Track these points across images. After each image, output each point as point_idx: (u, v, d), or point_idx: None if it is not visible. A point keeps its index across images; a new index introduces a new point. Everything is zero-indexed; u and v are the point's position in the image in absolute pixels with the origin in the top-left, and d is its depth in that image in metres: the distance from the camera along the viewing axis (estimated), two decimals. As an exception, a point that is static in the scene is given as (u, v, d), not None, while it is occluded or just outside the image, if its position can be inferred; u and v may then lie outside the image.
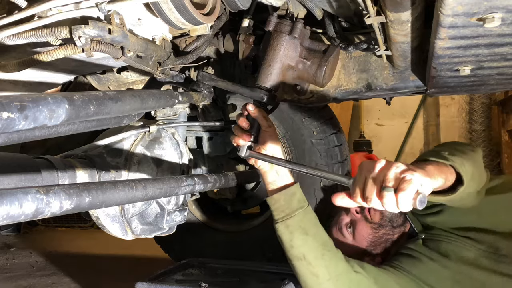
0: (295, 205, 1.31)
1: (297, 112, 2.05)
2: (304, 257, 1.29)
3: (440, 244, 1.42)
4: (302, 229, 1.30)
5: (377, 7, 1.14)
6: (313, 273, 1.28)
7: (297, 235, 1.29)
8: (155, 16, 1.14)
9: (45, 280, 2.67)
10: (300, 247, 1.29)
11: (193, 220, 2.33)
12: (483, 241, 1.35)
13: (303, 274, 1.31)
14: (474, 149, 1.26)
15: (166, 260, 2.41)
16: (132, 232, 1.39)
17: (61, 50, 1.01)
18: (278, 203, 1.32)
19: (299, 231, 1.30)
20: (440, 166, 1.03)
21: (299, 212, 1.31)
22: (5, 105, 0.69)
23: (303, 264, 1.29)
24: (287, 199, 1.31)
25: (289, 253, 1.32)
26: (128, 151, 1.38)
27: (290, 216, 1.30)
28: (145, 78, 1.69)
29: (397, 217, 1.55)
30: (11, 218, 0.66)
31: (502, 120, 5.07)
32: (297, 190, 1.34)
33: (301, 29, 1.38)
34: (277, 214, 1.32)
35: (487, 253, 1.34)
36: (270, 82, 1.38)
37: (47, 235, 4.20)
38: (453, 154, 1.09)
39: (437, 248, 1.42)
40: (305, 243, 1.29)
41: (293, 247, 1.30)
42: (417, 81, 1.53)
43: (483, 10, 0.86)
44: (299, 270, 1.31)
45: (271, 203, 1.34)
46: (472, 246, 1.36)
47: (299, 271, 1.32)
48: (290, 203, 1.31)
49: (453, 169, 1.06)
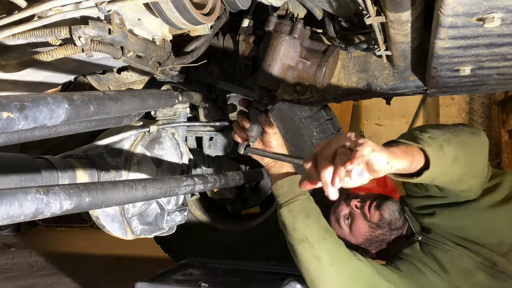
0: (298, 192, 1.35)
1: (297, 112, 2.05)
2: (306, 239, 1.29)
3: (436, 251, 1.40)
4: (305, 213, 1.33)
5: (377, 7, 1.14)
6: (315, 255, 1.28)
7: (300, 218, 1.32)
8: (155, 16, 1.14)
9: (45, 280, 2.67)
10: (303, 230, 1.31)
11: (193, 220, 2.33)
12: (479, 253, 1.32)
13: (306, 258, 1.30)
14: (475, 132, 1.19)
15: (166, 260, 2.41)
16: (132, 232, 1.39)
17: (61, 50, 1.01)
18: (282, 189, 1.36)
19: (302, 215, 1.32)
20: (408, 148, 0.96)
21: (302, 197, 1.35)
22: (5, 105, 0.69)
23: (305, 246, 1.29)
24: (291, 185, 1.35)
25: (292, 237, 1.32)
26: (128, 151, 1.38)
27: (293, 200, 1.34)
28: (145, 78, 1.69)
29: (396, 220, 1.52)
30: (11, 218, 0.66)
31: (502, 120, 5.07)
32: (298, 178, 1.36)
33: (301, 29, 1.38)
34: (281, 200, 1.36)
35: (484, 266, 1.31)
36: (270, 82, 1.38)
37: (47, 235, 4.20)
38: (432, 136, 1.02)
39: (434, 255, 1.40)
40: (307, 226, 1.31)
41: (295, 230, 1.31)
42: (417, 81, 1.53)
43: (483, 10, 0.86)
44: (301, 253, 1.30)
45: (276, 189, 1.38)
46: (468, 257, 1.33)
47: (301, 255, 1.30)
48: (293, 189, 1.35)
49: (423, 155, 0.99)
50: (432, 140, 1.01)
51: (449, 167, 1.04)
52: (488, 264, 1.30)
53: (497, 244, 1.29)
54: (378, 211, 1.53)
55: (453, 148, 1.04)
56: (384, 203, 1.54)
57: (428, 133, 1.04)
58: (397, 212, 1.53)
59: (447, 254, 1.37)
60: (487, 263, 1.31)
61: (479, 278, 1.30)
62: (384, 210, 1.52)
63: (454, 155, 1.04)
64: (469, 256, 1.33)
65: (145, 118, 1.53)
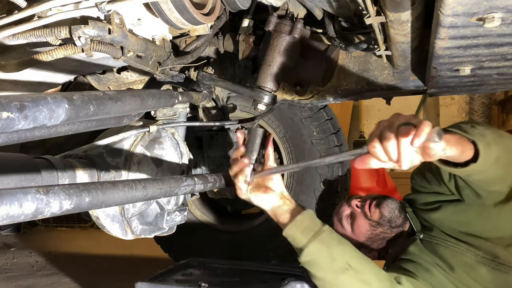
0: (319, 222, 1.23)
1: (297, 112, 2.05)
2: (349, 266, 1.19)
3: (439, 248, 1.40)
4: (338, 240, 1.23)
5: (377, 7, 1.14)
6: (363, 280, 1.19)
7: (335, 246, 1.20)
8: (155, 16, 1.14)
9: (45, 280, 2.67)
10: (343, 256, 1.20)
11: (193, 220, 2.33)
12: (481, 247, 1.32)
13: (354, 285, 1.20)
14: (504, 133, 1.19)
15: (166, 260, 2.41)
16: (132, 232, 1.39)
17: (61, 50, 1.01)
18: (304, 223, 1.21)
19: (336, 242, 1.21)
20: (461, 139, 0.99)
21: (327, 226, 1.23)
22: (4, 105, 0.69)
23: (350, 274, 1.19)
24: (310, 218, 1.23)
25: (332, 270, 1.20)
26: (128, 151, 1.38)
27: (322, 231, 1.21)
28: (145, 78, 1.69)
29: (396, 217, 1.55)
30: (11, 218, 0.66)
31: (502, 120, 5.07)
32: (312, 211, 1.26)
33: (301, 29, 1.38)
34: (305, 235, 1.20)
35: (485, 259, 1.31)
36: (270, 82, 1.38)
37: (47, 235, 4.20)
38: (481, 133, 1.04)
39: (438, 252, 1.40)
40: (346, 252, 1.22)
41: (335, 260, 1.19)
42: (417, 81, 1.53)
43: (483, 10, 0.86)
44: (348, 281, 1.20)
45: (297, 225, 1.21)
46: (469, 252, 1.34)
47: (348, 284, 1.20)
48: (314, 221, 1.23)
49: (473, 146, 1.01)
50: (482, 136, 1.03)
51: (490, 166, 1.05)
52: (490, 257, 1.31)
53: (499, 237, 1.30)
54: (378, 209, 1.57)
55: (498, 149, 1.05)
56: (383, 202, 1.58)
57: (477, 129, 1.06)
58: (397, 210, 1.56)
59: (449, 250, 1.38)
60: (488, 256, 1.31)
61: (481, 272, 1.31)
62: (383, 208, 1.56)
63: (497, 155, 1.05)
64: (470, 251, 1.34)
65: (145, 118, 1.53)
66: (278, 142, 2.10)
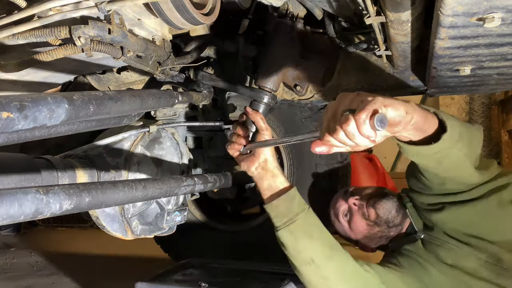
0: (296, 209, 1.24)
1: (297, 112, 2.05)
2: (312, 261, 1.22)
3: (439, 249, 1.38)
4: (307, 233, 1.24)
5: (377, 7, 1.14)
6: (323, 276, 1.23)
7: (302, 240, 1.23)
8: (155, 16, 1.14)
9: (45, 280, 2.67)
10: (308, 251, 1.23)
11: (193, 220, 2.33)
12: (484, 250, 1.29)
13: (313, 279, 1.25)
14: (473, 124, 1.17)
15: (166, 260, 2.41)
16: (132, 232, 1.39)
17: (61, 50, 1.01)
18: (278, 209, 1.25)
19: (304, 235, 1.23)
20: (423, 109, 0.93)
21: (301, 215, 1.24)
22: (4, 105, 0.69)
23: (311, 268, 1.23)
24: (287, 204, 1.24)
25: (296, 260, 1.26)
26: (128, 151, 1.38)
27: (292, 221, 1.23)
28: (145, 78, 1.69)
29: (393, 217, 1.52)
30: (11, 218, 0.66)
31: (502, 120, 5.06)
32: (295, 193, 1.27)
33: (301, 29, 1.38)
34: (278, 221, 1.25)
35: (487, 263, 1.29)
36: (270, 82, 1.38)
37: (47, 235, 4.20)
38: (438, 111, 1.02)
39: (436, 253, 1.38)
40: (312, 247, 1.23)
41: (300, 253, 1.24)
42: (417, 81, 1.53)
43: (483, 10, 0.86)
44: (307, 275, 1.25)
45: (271, 210, 1.26)
46: (472, 255, 1.31)
47: (308, 277, 1.25)
48: (290, 208, 1.24)
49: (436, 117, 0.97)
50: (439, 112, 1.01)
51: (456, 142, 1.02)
52: (492, 261, 1.28)
53: (503, 241, 1.28)
54: (373, 209, 1.54)
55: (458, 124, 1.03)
56: (378, 202, 1.54)
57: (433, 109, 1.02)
58: (394, 209, 1.52)
59: (450, 252, 1.35)
60: (491, 260, 1.28)
61: (482, 276, 1.28)
62: (378, 209, 1.53)
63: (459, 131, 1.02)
64: (473, 254, 1.31)
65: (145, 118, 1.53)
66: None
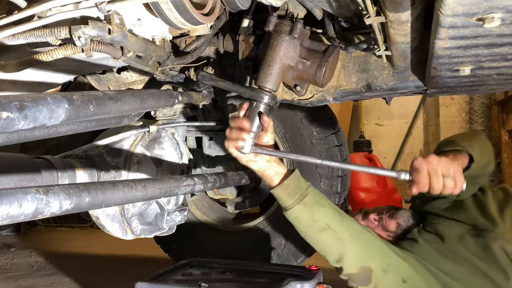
0: (304, 185, 1.40)
1: (297, 112, 2.05)
2: (328, 226, 1.37)
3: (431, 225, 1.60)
4: (319, 203, 1.40)
5: (377, 7, 1.14)
6: (338, 238, 1.38)
7: (316, 209, 1.38)
8: (155, 16, 1.14)
9: (45, 280, 2.67)
10: (324, 218, 1.38)
11: (193, 220, 2.33)
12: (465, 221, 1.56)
13: (329, 243, 1.39)
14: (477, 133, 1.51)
15: (166, 260, 2.41)
16: (132, 232, 1.39)
17: (61, 50, 1.01)
18: (289, 187, 1.38)
19: (317, 205, 1.39)
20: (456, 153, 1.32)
21: (310, 189, 1.40)
22: (4, 105, 0.69)
23: (328, 233, 1.38)
24: (296, 181, 1.39)
25: (312, 229, 1.39)
26: (128, 151, 1.38)
27: (304, 195, 1.38)
28: (145, 78, 1.69)
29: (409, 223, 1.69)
30: (11, 218, 0.66)
31: (502, 120, 5.07)
32: (299, 173, 1.42)
33: (301, 29, 1.38)
34: (291, 198, 1.38)
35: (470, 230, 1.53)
36: (270, 82, 1.38)
37: (47, 235, 4.20)
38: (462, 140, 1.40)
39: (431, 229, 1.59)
40: (326, 214, 1.39)
41: (316, 221, 1.38)
42: (417, 81, 1.53)
43: (483, 10, 0.86)
44: (324, 240, 1.39)
45: (283, 190, 1.39)
46: (458, 225, 1.56)
47: (324, 242, 1.39)
48: (299, 184, 1.39)
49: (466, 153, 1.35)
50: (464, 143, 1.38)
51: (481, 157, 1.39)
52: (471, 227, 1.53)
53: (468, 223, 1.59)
54: (393, 219, 1.69)
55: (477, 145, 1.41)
56: (396, 213, 1.71)
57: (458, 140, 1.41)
58: (411, 217, 1.71)
59: (441, 224, 1.58)
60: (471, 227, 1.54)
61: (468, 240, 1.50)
62: (398, 218, 1.69)
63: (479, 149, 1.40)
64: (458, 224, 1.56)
65: (145, 118, 1.53)
66: (278, 142, 2.09)
